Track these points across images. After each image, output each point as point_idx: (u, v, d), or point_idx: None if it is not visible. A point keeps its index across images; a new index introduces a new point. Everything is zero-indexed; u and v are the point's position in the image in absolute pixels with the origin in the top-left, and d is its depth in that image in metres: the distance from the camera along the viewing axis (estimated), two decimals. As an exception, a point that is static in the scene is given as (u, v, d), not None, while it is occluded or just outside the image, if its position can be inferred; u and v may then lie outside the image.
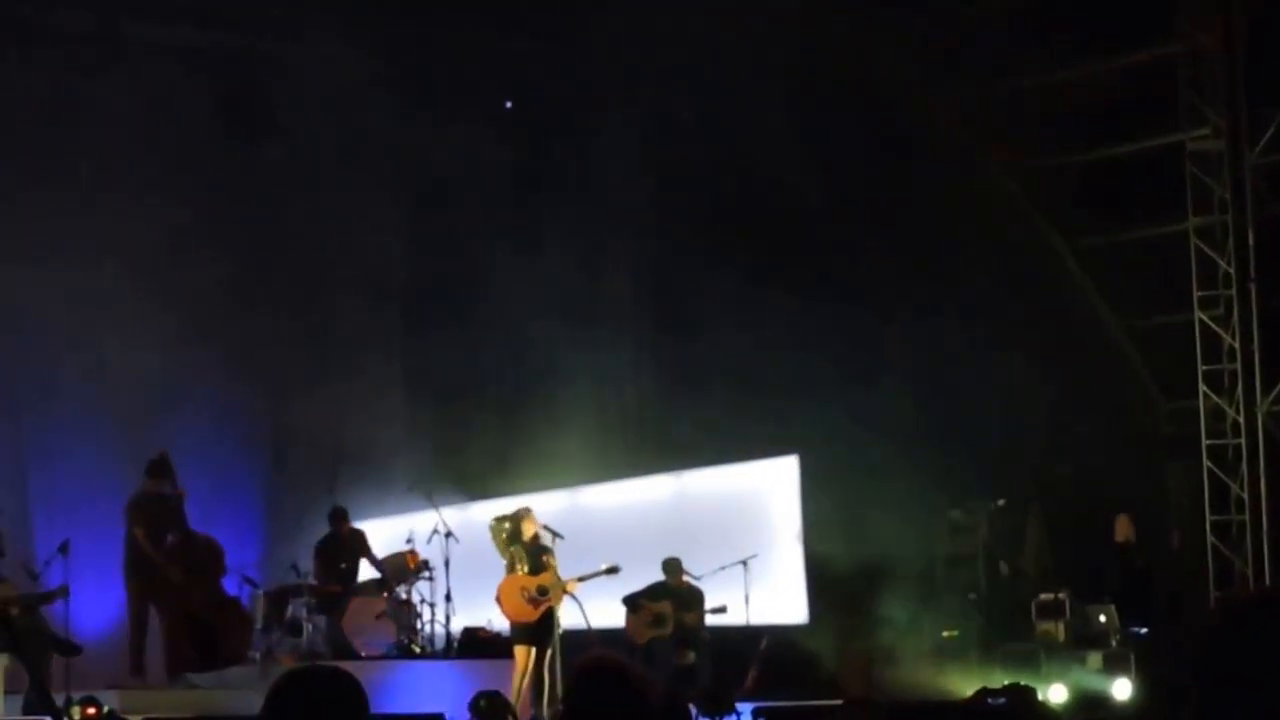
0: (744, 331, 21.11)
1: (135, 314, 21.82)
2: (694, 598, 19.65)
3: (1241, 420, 19.38)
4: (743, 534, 20.55)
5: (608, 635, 19.36)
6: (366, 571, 20.27)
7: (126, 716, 16.20)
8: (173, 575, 18.52)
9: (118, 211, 21.70)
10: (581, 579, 17.69)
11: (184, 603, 18.55)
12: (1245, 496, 19.31)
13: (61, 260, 21.32)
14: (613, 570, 17.99)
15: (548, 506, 18.70)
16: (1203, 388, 19.65)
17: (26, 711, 15.53)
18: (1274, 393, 19.35)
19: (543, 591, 17.34)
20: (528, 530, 17.63)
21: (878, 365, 20.33)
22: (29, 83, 20.46)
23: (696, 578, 19.70)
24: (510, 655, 17.62)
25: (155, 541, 18.61)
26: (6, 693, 15.42)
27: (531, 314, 22.90)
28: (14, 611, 16.25)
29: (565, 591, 17.48)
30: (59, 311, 21.32)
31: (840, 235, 21.07)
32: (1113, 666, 18.67)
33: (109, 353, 21.76)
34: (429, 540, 20.10)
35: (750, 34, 20.65)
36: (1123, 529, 20.11)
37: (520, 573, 17.50)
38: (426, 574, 20.09)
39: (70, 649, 17.72)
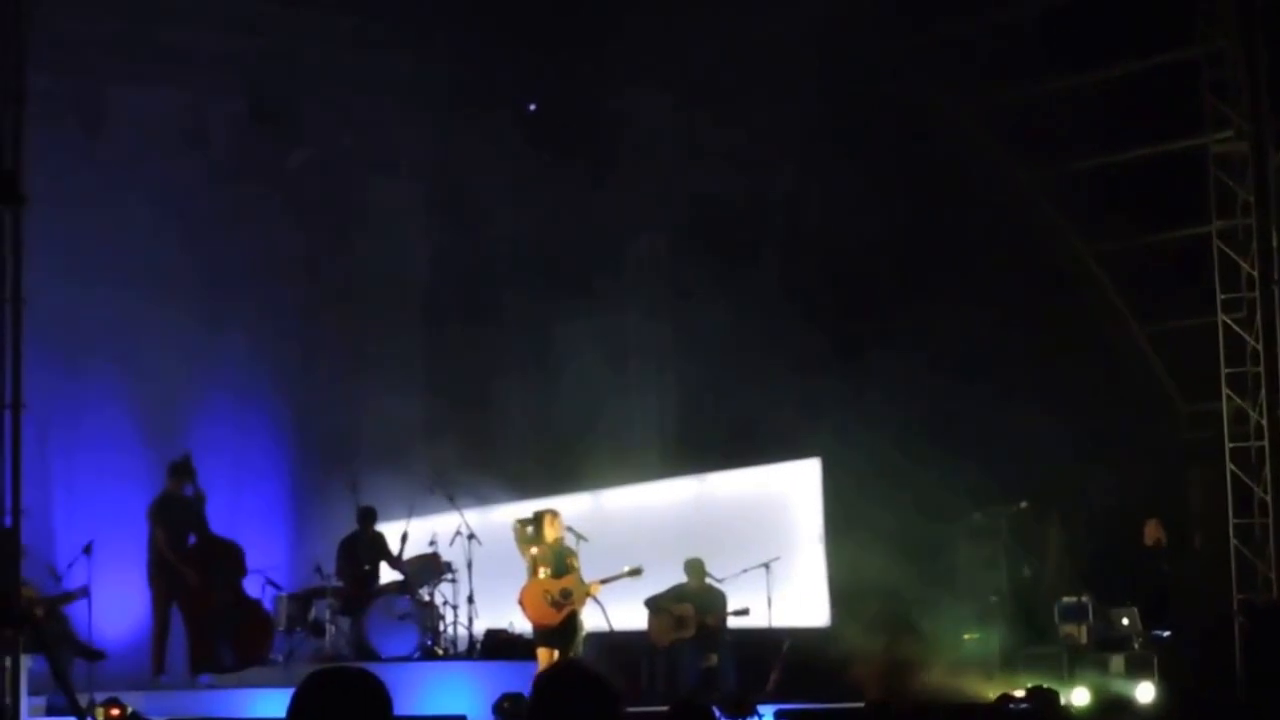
0: (766, 335, 21.13)
1: (160, 315, 21.93)
2: (716, 600, 19.66)
3: (1265, 423, 19.35)
4: (765, 536, 20.58)
5: (630, 637, 19.40)
6: (388, 573, 20.31)
7: (150, 718, 16.26)
8: (189, 578, 18.58)
9: (145, 214, 21.79)
10: (604, 581, 17.71)
11: (206, 604, 18.60)
12: (1269, 499, 19.27)
13: (87, 262, 21.41)
14: (635, 572, 18.00)
15: (571, 508, 18.73)
16: (1225, 391, 19.62)
17: (51, 713, 15.60)
18: (1296, 395, 19.35)
19: (565, 595, 17.36)
20: (550, 532, 17.64)
21: (898, 368, 20.31)
22: (59, 87, 20.51)
23: (719, 580, 19.71)
24: (533, 657, 17.64)
25: (176, 543, 18.69)
26: (31, 694, 15.45)
27: (554, 317, 22.94)
28: (38, 612, 16.29)
29: (588, 594, 17.49)
30: (83, 313, 21.40)
31: (859, 240, 21.05)
32: (1136, 670, 18.65)
33: (133, 354, 21.85)
34: (451, 542, 20.16)
35: (776, 44, 20.73)
36: (1152, 532, 20.08)
37: (543, 576, 17.51)
38: (449, 576, 20.14)
39: (94, 654, 17.78)
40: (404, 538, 20.23)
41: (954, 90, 21.68)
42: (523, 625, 18.58)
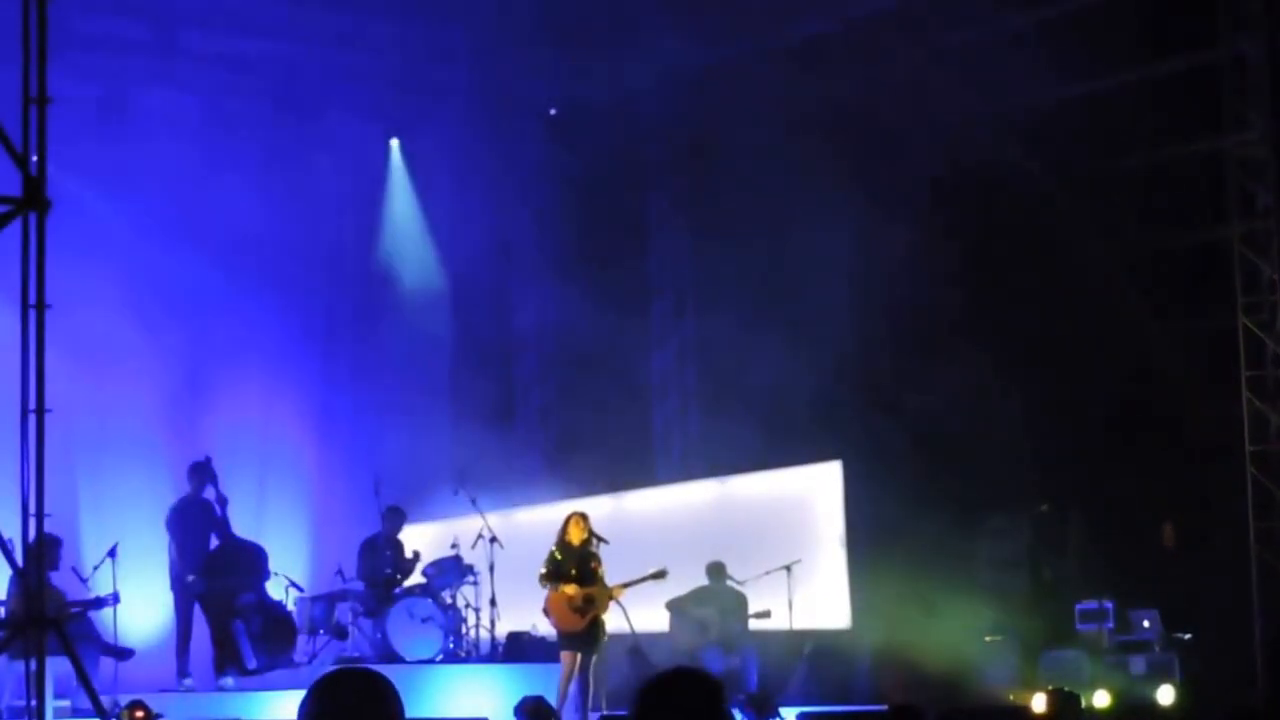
0: (785, 334, 21.16)
1: (184, 318, 22.04)
2: (738, 602, 19.71)
3: (1284, 426, 19.36)
4: (787, 539, 20.60)
5: (651, 639, 19.43)
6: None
7: (173, 720, 16.35)
8: (191, 586, 18.62)
9: (171, 216, 21.89)
10: (628, 585, 17.65)
11: (228, 607, 18.65)
12: (1289, 503, 19.28)
13: (111, 264, 21.52)
14: (660, 575, 17.93)
15: (592, 511, 18.75)
16: (1246, 393, 19.60)
17: (77, 715, 15.69)
18: (1319, 398, 19.33)
19: (589, 600, 17.35)
20: (576, 535, 17.60)
21: (920, 371, 20.33)
22: (84, 89, 20.59)
23: (740, 582, 19.76)
24: (555, 659, 17.66)
25: (197, 546, 18.71)
26: (57, 695, 15.51)
27: (576, 318, 22.98)
28: (64, 616, 16.37)
29: (611, 598, 17.47)
30: (109, 314, 21.51)
31: (881, 245, 21.07)
32: (1156, 672, 18.67)
33: (158, 356, 21.94)
34: (474, 545, 20.20)
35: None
36: (1168, 535, 20.08)
37: (570, 591, 17.44)
38: (471, 579, 20.19)
39: (122, 653, 17.87)
40: (415, 555, 20.31)
41: (977, 96, 21.68)
42: (545, 628, 18.62)
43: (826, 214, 21.45)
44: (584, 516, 17.74)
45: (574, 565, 17.45)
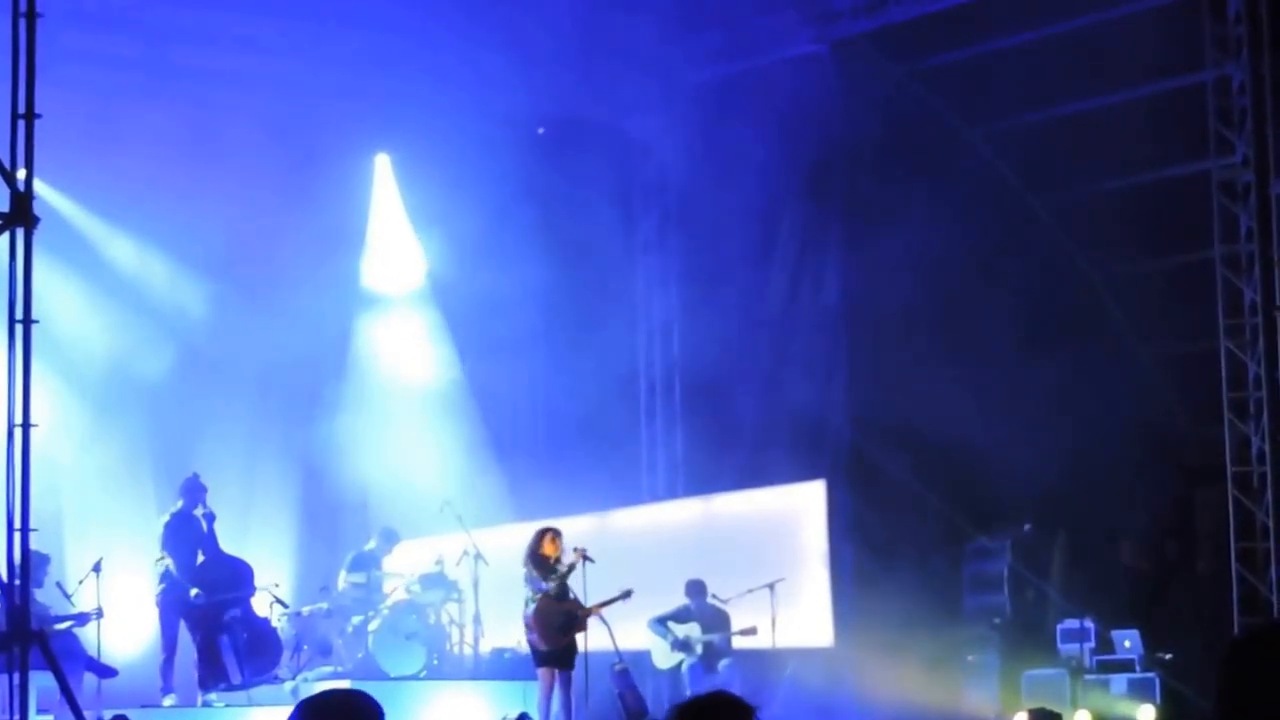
0: (771, 354, 21.22)
1: (172, 335, 22.06)
2: (720, 620, 19.76)
3: (1267, 448, 19.40)
4: (771, 558, 20.65)
5: (634, 657, 19.46)
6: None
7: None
8: (183, 600, 18.59)
9: (166, 233, 21.92)
10: (601, 605, 17.55)
11: (214, 622, 18.65)
12: (1270, 524, 19.32)
13: (100, 279, 21.56)
14: (625, 595, 17.80)
15: (577, 530, 18.76)
16: (1228, 415, 19.67)
17: (59, 731, 15.70)
18: (1299, 420, 19.39)
19: (570, 617, 17.33)
20: (551, 551, 17.52)
21: (904, 392, 20.37)
22: (76, 105, 20.61)
23: (723, 600, 19.80)
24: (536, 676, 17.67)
25: (187, 562, 18.71)
26: (39, 711, 15.53)
27: (562, 336, 23.01)
28: (48, 631, 16.38)
29: (588, 615, 17.42)
30: (96, 329, 21.54)
31: (862, 250, 21.15)
32: (1137, 691, 18.72)
33: (144, 371, 21.96)
34: (458, 562, 20.24)
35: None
36: (1127, 553, 20.19)
37: (550, 593, 17.43)
38: (455, 595, 20.23)
39: (106, 670, 17.87)
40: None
41: (963, 117, 21.77)
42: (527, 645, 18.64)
43: (813, 232, 21.56)
44: (557, 533, 17.66)
45: (553, 582, 17.44)
